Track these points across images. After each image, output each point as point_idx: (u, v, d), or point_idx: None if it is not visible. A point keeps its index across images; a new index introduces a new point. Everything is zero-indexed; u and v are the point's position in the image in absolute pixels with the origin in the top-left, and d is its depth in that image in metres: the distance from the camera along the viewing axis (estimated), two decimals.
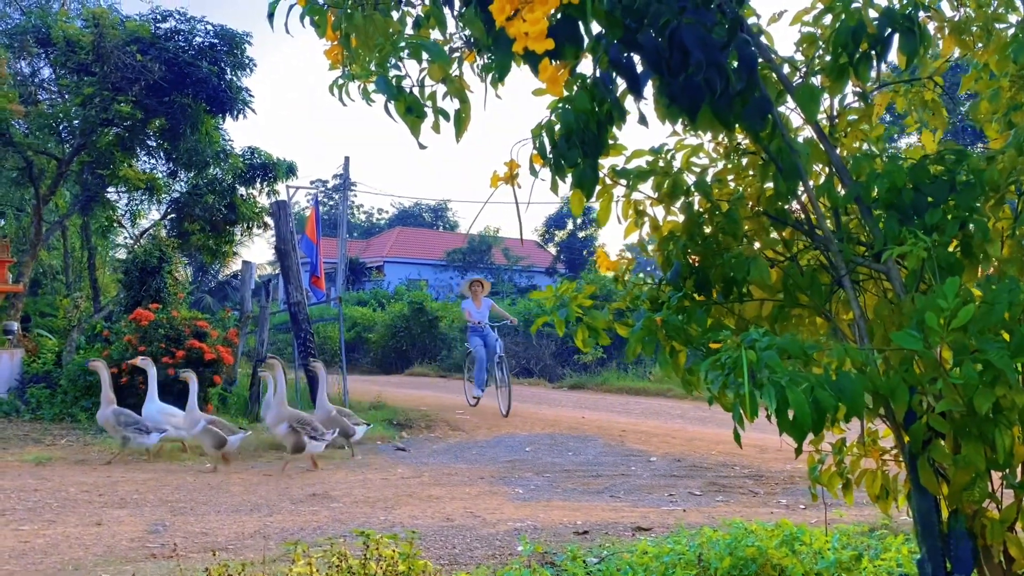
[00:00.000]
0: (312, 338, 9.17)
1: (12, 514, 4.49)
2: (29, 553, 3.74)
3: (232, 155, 12.04)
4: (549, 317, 2.96)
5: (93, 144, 11.55)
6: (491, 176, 2.12)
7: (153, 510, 4.73)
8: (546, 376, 16.89)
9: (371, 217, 59.79)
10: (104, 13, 10.76)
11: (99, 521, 4.40)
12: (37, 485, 5.33)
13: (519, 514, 4.99)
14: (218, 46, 10.78)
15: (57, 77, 12.55)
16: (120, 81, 10.29)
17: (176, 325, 8.37)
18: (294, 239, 9.36)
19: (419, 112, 2.10)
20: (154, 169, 13.31)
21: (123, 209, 13.82)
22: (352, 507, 5.04)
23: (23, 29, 11.87)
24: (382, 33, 2.18)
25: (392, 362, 20.78)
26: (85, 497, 5.02)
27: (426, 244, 41.20)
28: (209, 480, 5.78)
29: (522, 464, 7.01)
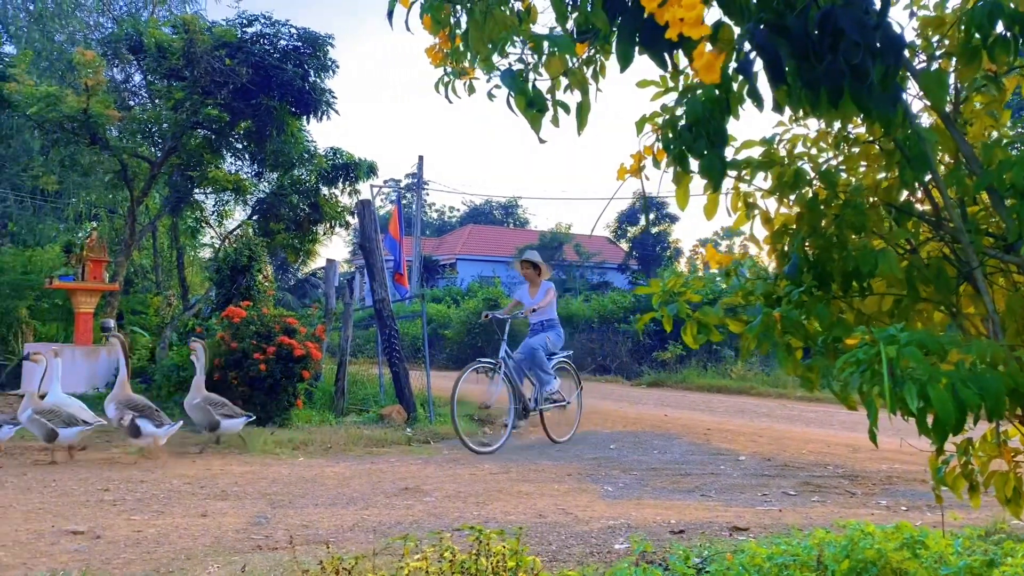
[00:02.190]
0: (396, 334, 9.28)
1: (123, 504, 4.66)
2: (143, 542, 3.87)
3: (316, 156, 12.28)
4: (657, 313, 2.92)
5: (183, 147, 11.92)
6: (618, 169, 2.08)
7: (254, 502, 4.85)
8: (623, 374, 16.76)
9: (443, 215, 60.33)
10: (193, 20, 11.08)
11: (204, 512, 4.52)
12: (143, 477, 5.52)
13: (611, 512, 4.94)
14: (302, 49, 10.99)
15: (148, 83, 12.99)
16: (209, 85, 10.59)
17: (266, 322, 8.56)
18: (378, 237, 9.48)
19: (541, 106, 2.08)
20: (240, 170, 13.66)
21: (211, 210, 14.22)
22: (445, 502, 5.08)
23: (117, 37, 12.31)
24: (501, 27, 2.17)
25: (468, 358, 20.80)
26: (188, 489, 5.18)
27: (497, 241, 41.37)
28: (303, 473, 5.89)
29: (608, 462, 6.96)
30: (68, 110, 10.63)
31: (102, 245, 11.70)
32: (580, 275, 32.72)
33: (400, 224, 10.42)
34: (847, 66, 1.64)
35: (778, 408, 11.61)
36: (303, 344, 8.56)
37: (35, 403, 6.14)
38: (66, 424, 6.09)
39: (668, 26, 1.82)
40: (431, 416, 8.94)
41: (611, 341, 17.63)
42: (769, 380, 14.29)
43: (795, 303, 2.54)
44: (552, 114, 2.13)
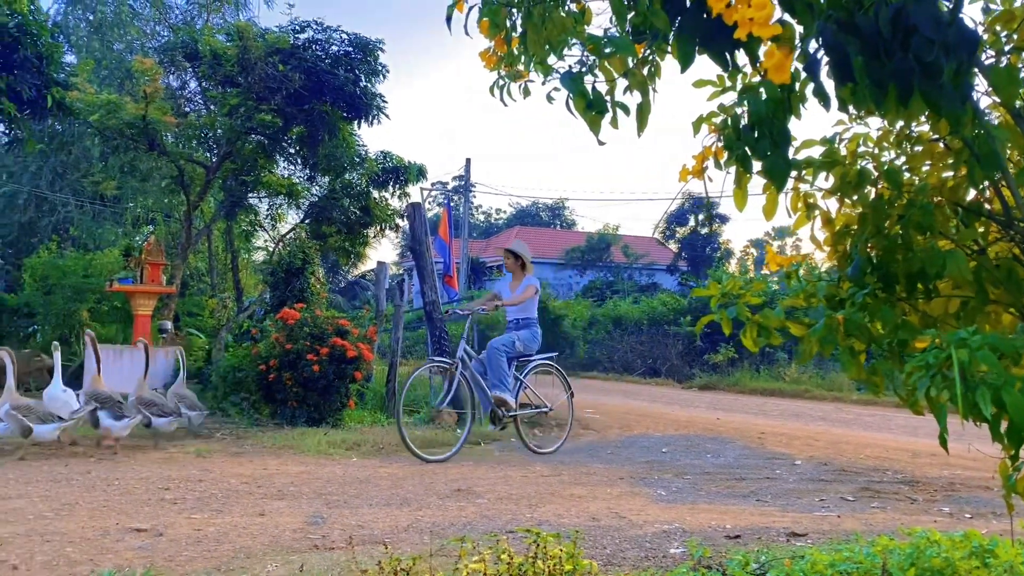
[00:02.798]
0: (446, 336, 9.33)
1: (183, 503, 4.75)
2: (203, 540, 3.94)
3: (368, 160, 12.42)
4: (716, 316, 2.88)
5: (237, 152, 12.15)
6: (680, 171, 2.07)
7: (310, 502, 4.91)
8: (674, 376, 16.61)
9: (489, 217, 60.52)
10: (247, 27, 11.29)
11: (262, 512, 4.60)
12: (201, 476, 5.63)
13: (665, 516, 4.90)
14: (353, 54, 11.12)
15: (204, 89, 13.27)
16: (263, 91, 10.77)
17: (319, 324, 8.68)
18: (427, 240, 9.54)
19: (601, 108, 2.07)
20: (293, 175, 13.87)
21: (264, 214, 14.47)
22: (497, 504, 5.08)
23: (173, 45, 12.60)
24: (560, 30, 2.17)
25: None
26: (246, 488, 5.27)
27: (544, 243, 41.31)
28: (356, 474, 5.95)
29: (660, 465, 6.90)
30: (127, 117, 10.92)
31: (160, 249, 11.98)
32: (628, 276, 32.54)
33: (450, 227, 10.50)
34: (917, 63, 1.60)
35: (834, 411, 11.41)
36: (355, 345, 8.66)
37: (13, 399, 6.19)
38: (42, 421, 6.14)
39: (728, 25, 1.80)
40: (481, 418, 8.96)
41: (661, 343, 17.50)
42: (824, 383, 14.04)
43: (859, 305, 2.49)
44: (611, 116, 2.13)
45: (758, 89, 2.06)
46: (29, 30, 12.02)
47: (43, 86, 12.09)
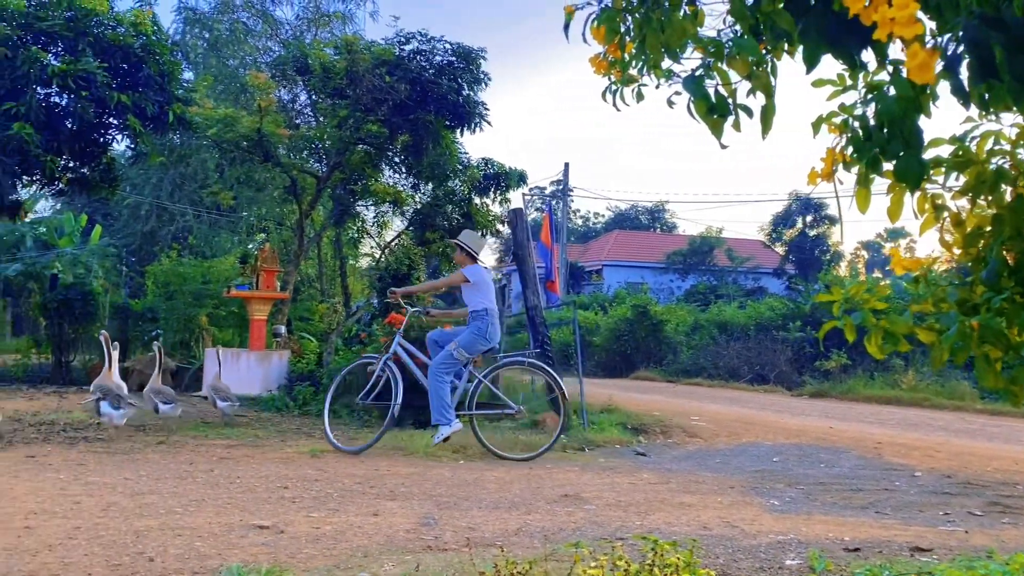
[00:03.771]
0: (549, 341, 9.36)
1: (301, 502, 4.93)
2: (322, 538, 4.08)
3: (470, 167, 12.59)
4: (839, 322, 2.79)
5: (346, 162, 12.52)
6: (808, 174, 2.02)
7: (421, 503, 5.01)
8: (782, 383, 16.15)
9: (588, 221, 60.31)
10: (355, 40, 11.62)
11: (376, 512, 4.72)
12: (317, 475, 5.82)
13: (779, 526, 4.78)
14: (456, 63, 11.29)
15: (314, 102, 13.73)
16: (370, 102, 11.06)
17: (425, 328, 8.84)
18: (529, 245, 9.60)
19: (724, 111, 2.05)
20: (397, 183, 14.18)
21: (370, 221, 14.85)
22: (606, 510, 5.06)
23: (284, 60, 13.08)
24: (680, 34, 2.15)
25: (616, 366, 20.80)
26: (359, 488, 5.42)
27: (645, 246, 40.92)
28: (464, 476, 6.04)
29: (772, 475, 6.73)
30: (243, 130, 11.41)
31: (274, 256, 12.47)
32: (732, 280, 31.84)
33: (552, 232, 10.52)
34: None
35: (956, 421, 10.85)
36: None
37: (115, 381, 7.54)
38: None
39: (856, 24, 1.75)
40: (585, 423, 8.95)
41: (768, 349, 17.05)
42: (944, 391, 13.38)
43: (995, 311, 2.37)
44: (734, 119, 2.10)
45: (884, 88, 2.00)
46: (152, 49, 12.72)
47: (165, 102, 12.76)
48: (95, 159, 13.64)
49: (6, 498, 4.69)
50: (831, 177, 2.01)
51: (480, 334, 7.13)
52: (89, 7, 12.10)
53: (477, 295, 7.19)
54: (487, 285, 7.32)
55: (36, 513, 4.33)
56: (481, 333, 7.13)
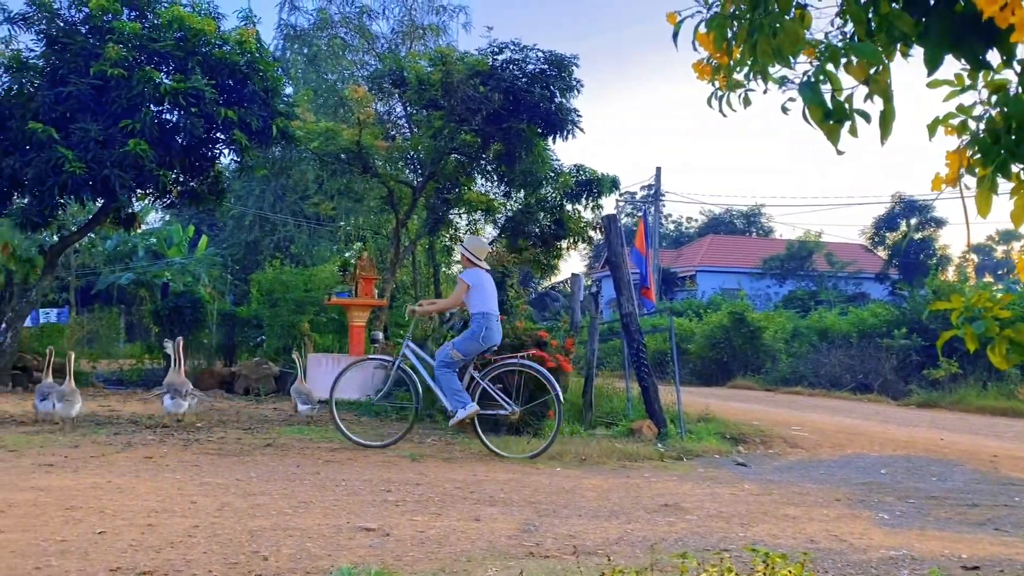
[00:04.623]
0: (644, 348, 9.27)
1: (404, 505, 5.03)
2: (426, 542, 4.15)
3: (563, 174, 12.62)
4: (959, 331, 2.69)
5: (440, 171, 12.74)
6: (932, 179, 1.96)
7: (520, 510, 5.05)
8: (887, 393, 15.55)
9: (680, 226, 59.50)
10: (450, 52, 11.83)
11: (477, 517, 4.77)
12: (418, 480, 5.93)
13: (890, 541, 4.61)
14: (548, 71, 11.35)
15: (409, 114, 14.03)
16: (464, 112, 11.24)
17: (519, 335, 8.91)
18: (624, 251, 9.54)
19: (842, 116, 2.01)
20: (489, 191, 14.34)
21: (463, 229, 15.05)
22: (707, 521, 4.99)
23: (381, 73, 13.42)
24: (793, 40, 2.12)
25: (712, 374, 20.43)
26: (459, 493, 5.49)
27: (740, 251, 40.10)
28: (562, 484, 6.04)
29: (880, 488, 6.49)
30: (343, 143, 11.75)
31: (372, 264, 12.77)
32: (832, 286, 30.86)
33: (646, 238, 10.43)
34: None
35: None
36: (554, 357, 8.80)
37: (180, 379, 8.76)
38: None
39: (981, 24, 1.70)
40: (682, 432, 8.83)
41: (872, 357, 16.44)
42: None
43: None
44: (850, 124, 2.05)
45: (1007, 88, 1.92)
46: (257, 66, 13.23)
47: (269, 117, 13.25)
48: (203, 172, 14.28)
49: (130, 496, 4.95)
50: (957, 182, 1.94)
51: (475, 337, 7.34)
52: (198, 27, 12.68)
53: (476, 298, 7.41)
54: (485, 288, 7.49)
55: (157, 511, 4.56)
56: (476, 336, 7.33)
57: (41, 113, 11.72)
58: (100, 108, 11.91)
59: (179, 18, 12.45)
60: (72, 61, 12.05)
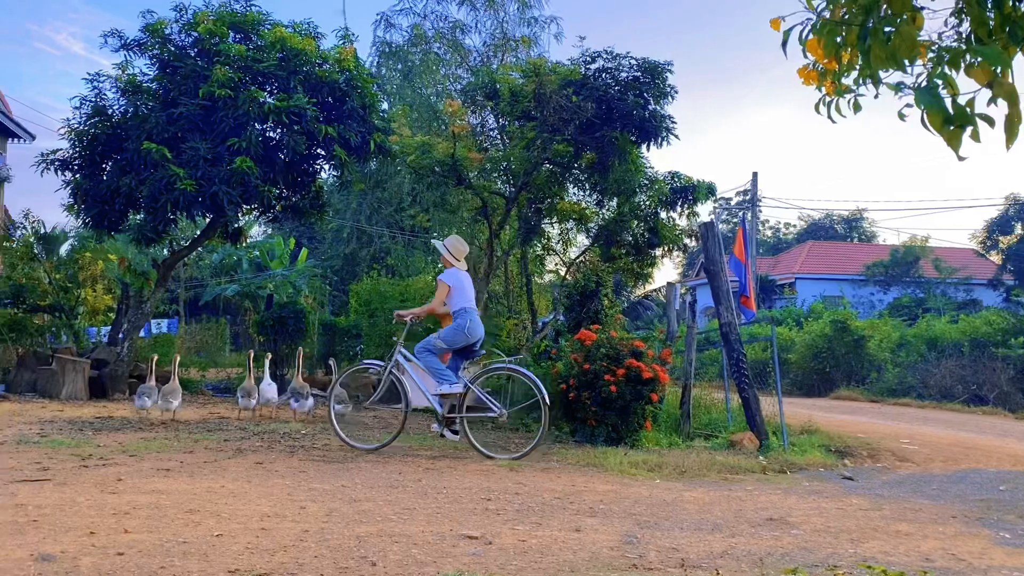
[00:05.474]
0: (744, 358, 9.10)
1: (505, 514, 5.08)
2: (528, 551, 4.18)
3: (657, 181, 12.51)
4: None
5: (532, 182, 12.81)
6: None
7: (621, 521, 5.02)
8: (1004, 404, 14.79)
9: (777, 232, 58.06)
10: (542, 63, 11.89)
11: (577, 528, 4.77)
12: (517, 489, 5.97)
13: (1013, 562, 4.39)
14: (642, 78, 11.28)
15: (501, 125, 14.16)
16: (557, 123, 11.27)
17: (615, 345, 8.86)
18: (722, 259, 9.38)
19: (965, 121, 1.94)
20: (581, 200, 14.32)
21: (555, 238, 15.07)
22: (814, 536, 4.85)
23: (474, 87, 13.59)
24: (910, 45, 2.06)
25: (814, 384, 19.83)
26: (559, 503, 5.50)
27: (841, 258, 38.85)
28: (662, 496, 5.98)
29: (999, 504, 6.18)
30: (438, 156, 11.96)
31: None
32: (941, 292, 29.51)
33: (745, 245, 10.23)
34: None
35: None
36: (651, 367, 8.73)
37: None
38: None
39: None
40: (785, 444, 8.61)
41: (987, 368, 15.64)
42: None
43: None
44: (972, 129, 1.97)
45: None
46: (355, 83, 13.62)
47: (367, 132, 13.62)
48: (305, 188, 14.78)
49: (243, 500, 5.15)
50: None
51: (460, 330, 7.75)
52: (299, 48, 13.15)
53: (457, 297, 7.84)
54: (464, 287, 7.93)
55: (269, 516, 4.73)
56: (462, 329, 7.75)
57: (154, 134, 12.36)
58: (208, 127, 12.48)
59: (281, 39, 12.94)
60: (183, 83, 12.68)
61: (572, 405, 8.96)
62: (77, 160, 13.20)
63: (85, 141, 13.07)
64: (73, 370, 12.37)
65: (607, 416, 8.72)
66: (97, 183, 12.93)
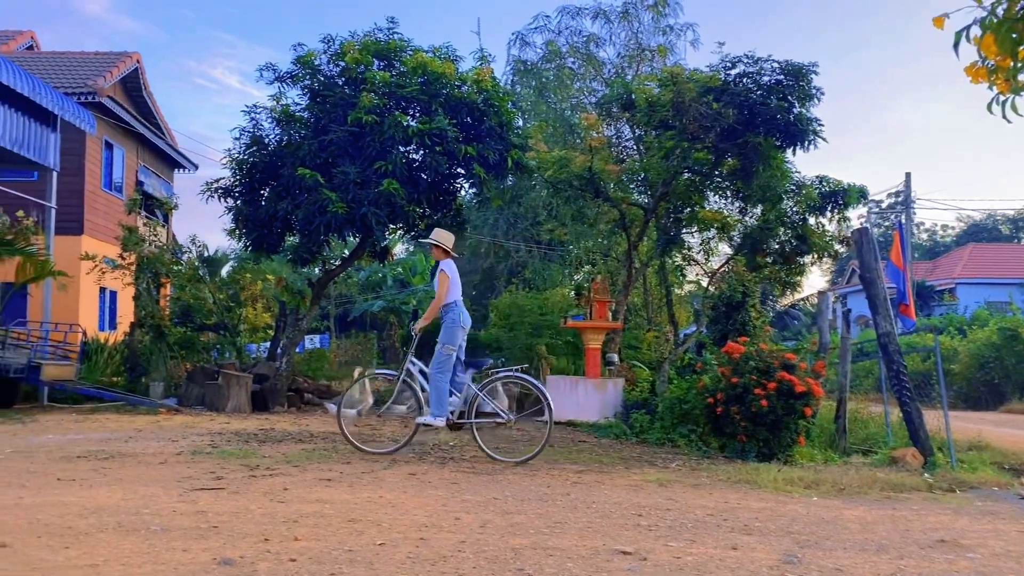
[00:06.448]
0: (905, 370, 8.62)
1: (657, 530, 5.02)
2: (684, 568, 4.11)
3: (805, 187, 12.08)
4: None
5: (672, 191, 12.65)
6: None
7: (779, 540, 4.86)
8: None
9: (934, 235, 54.75)
10: (679, 71, 11.75)
11: (734, 545, 4.66)
12: (668, 504, 5.89)
13: None
14: (785, 81, 10.94)
15: (637, 136, 14.08)
16: (696, 130, 11.11)
17: (765, 357, 8.61)
18: (878, 266, 8.95)
19: None
20: (723, 208, 14.01)
21: (696, 248, 14.80)
22: (993, 560, 4.53)
23: (609, 99, 13.59)
24: None
25: (980, 397, 18.55)
26: (712, 520, 5.39)
27: (1007, 260, 36.24)
28: (821, 514, 5.74)
29: None
30: (576, 170, 12.03)
31: (606, 287, 12.91)
32: None
33: (903, 251, 9.73)
34: None
35: None
36: (803, 380, 8.42)
37: None
38: None
39: None
40: (952, 461, 8.09)
41: None
42: None
43: None
44: None
45: None
46: (492, 103, 13.90)
47: (504, 150, 13.87)
48: (446, 206, 15.19)
49: (400, 511, 5.34)
50: None
51: (455, 324, 7.92)
52: (439, 71, 13.56)
53: (453, 289, 8.00)
54: (457, 278, 8.11)
55: (427, 526, 4.87)
56: (456, 323, 7.92)
57: (307, 160, 13.06)
58: (356, 152, 13.07)
59: (422, 64, 13.40)
60: (332, 111, 13.34)
61: (720, 420, 8.76)
62: (238, 187, 14.12)
63: (244, 169, 13.96)
64: (237, 384, 13.18)
65: (758, 431, 8.47)
66: (256, 208, 13.77)
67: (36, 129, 14.81)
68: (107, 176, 21.48)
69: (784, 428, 8.46)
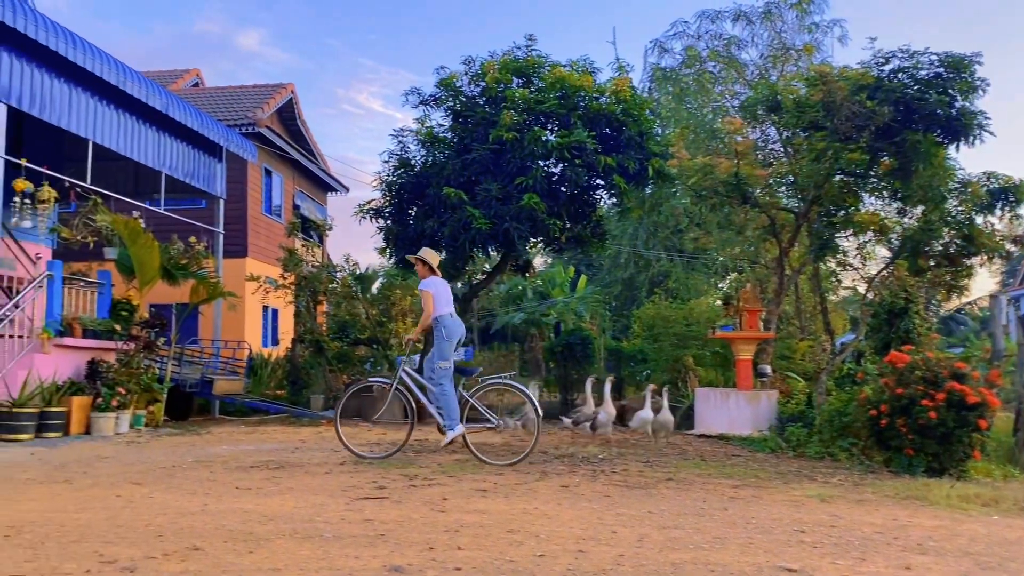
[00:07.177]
0: None
1: (823, 548, 4.83)
2: None
3: (971, 184, 11.34)
4: None
5: (824, 194, 12.17)
6: None
7: (957, 560, 4.57)
8: None
9: None
10: (828, 69, 11.32)
11: (908, 566, 4.42)
12: (831, 521, 5.66)
13: None
14: (944, 74, 10.34)
15: (785, 138, 13.65)
16: (849, 130, 10.66)
17: (932, 367, 8.13)
18: None
19: None
20: (879, 209, 13.35)
21: (852, 253, 14.15)
22: None
23: (754, 101, 13.26)
24: None
25: None
26: (880, 538, 5.13)
27: None
28: (1004, 534, 5.36)
29: None
30: (721, 176, 11.79)
31: (755, 296, 12.55)
32: None
33: None
34: None
35: None
36: (977, 390, 7.89)
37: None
38: None
39: None
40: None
41: None
42: None
43: None
44: None
45: None
46: (631, 113, 13.85)
47: (644, 159, 13.78)
48: (586, 217, 15.24)
49: (556, 523, 5.39)
50: None
51: (442, 338, 8.36)
52: (577, 85, 13.66)
53: (436, 304, 8.42)
54: (441, 294, 8.49)
55: (584, 539, 4.90)
56: (442, 337, 8.36)
57: (451, 179, 13.44)
58: (498, 169, 13.34)
59: (560, 79, 13.54)
60: (474, 131, 13.69)
61: (884, 433, 8.33)
62: (388, 208, 14.71)
63: (393, 191, 14.53)
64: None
65: (926, 444, 8.00)
66: (405, 227, 14.30)
67: (204, 160, 16.00)
68: (267, 201, 22.89)
69: (956, 441, 7.95)
